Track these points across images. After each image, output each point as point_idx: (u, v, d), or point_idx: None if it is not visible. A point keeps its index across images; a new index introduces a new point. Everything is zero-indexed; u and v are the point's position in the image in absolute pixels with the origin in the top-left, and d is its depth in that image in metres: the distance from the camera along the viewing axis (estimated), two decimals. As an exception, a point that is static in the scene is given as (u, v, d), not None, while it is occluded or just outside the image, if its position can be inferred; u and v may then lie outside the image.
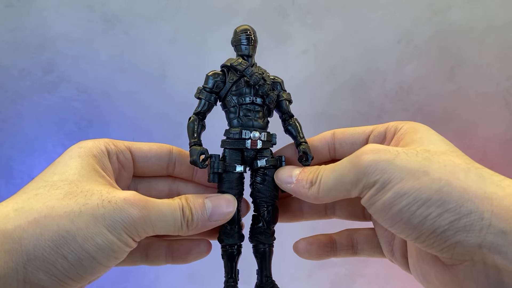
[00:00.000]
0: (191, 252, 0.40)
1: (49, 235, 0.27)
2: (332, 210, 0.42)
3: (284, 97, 0.40)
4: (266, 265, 0.39)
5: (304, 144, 0.39)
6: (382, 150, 0.30)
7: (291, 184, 0.36)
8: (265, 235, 0.39)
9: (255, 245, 0.39)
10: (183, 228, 0.34)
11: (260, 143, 0.38)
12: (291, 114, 0.41)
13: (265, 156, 0.39)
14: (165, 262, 0.40)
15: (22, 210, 0.28)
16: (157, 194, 0.40)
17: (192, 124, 0.38)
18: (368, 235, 0.41)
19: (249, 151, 0.39)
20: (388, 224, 0.30)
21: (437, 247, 0.28)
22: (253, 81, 0.38)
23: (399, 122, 0.37)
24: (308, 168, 0.36)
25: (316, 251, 0.41)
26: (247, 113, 0.38)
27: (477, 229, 0.26)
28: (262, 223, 0.39)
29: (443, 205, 0.27)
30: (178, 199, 0.34)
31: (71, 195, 0.30)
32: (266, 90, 0.38)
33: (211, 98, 0.39)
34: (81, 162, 0.33)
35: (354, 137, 0.39)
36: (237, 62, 0.38)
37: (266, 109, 0.40)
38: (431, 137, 0.33)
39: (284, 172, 0.37)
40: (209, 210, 0.35)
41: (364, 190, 0.30)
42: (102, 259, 0.29)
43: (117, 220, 0.29)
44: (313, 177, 0.34)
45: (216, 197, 0.36)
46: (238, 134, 0.38)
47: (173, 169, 0.40)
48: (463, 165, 0.29)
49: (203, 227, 0.35)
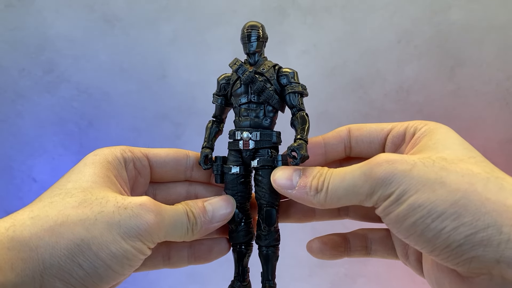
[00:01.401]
0: (213, 250, 0.40)
1: (65, 244, 0.28)
2: (346, 211, 0.41)
3: (289, 90, 0.38)
4: (268, 269, 0.38)
5: (298, 141, 0.36)
6: (398, 161, 0.29)
7: (293, 190, 0.34)
8: (264, 237, 0.38)
9: (258, 247, 0.39)
10: (188, 233, 0.34)
11: (252, 143, 0.38)
12: (299, 108, 0.38)
13: (260, 156, 0.38)
14: (188, 263, 0.40)
15: (37, 218, 0.28)
16: (175, 198, 0.40)
17: (207, 128, 0.40)
18: (383, 236, 0.40)
19: (245, 151, 0.38)
20: (402, 235, 0.29)
21: (452, 261, 0.27)
22: (243, 80, 0.37)
23: (419, 122, 0.35)
24: (309, 171, 0.34)
25: (330, 251, 0.40)
26: (244, 113, 0.38)
27: (495, 243, 0.25)
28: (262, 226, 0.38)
29: (459, 219, 0.26)
30: (180, 205, 0.34)
31: (86, 202, 0.30)
32: (259, 87, 0.37)
33: (219, 101, 0.40)
34: (95, 169, 0.33)
35: (371, 135, 0.38)
36: (232, 63, 0.38)
37: (267, 106, 0.38)
38: (448, 141, 0.31)
39: (281, 176, 0.35)
40: (210, 213, 0.35)
41: (379, 202, 0.29)
42: (117, 267, 0.29)
43: (132, 227, 0.29)
44: (318, 183, 0.33)
45: (214, 199, 0.37)
46: (233, 136, 0.38)
47: (190, 173, 0.40)
48: (482, 175, 0.28)
49: (206, 230, 0.35)
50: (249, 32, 0.38)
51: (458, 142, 0.32)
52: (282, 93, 0.39)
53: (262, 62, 0.39)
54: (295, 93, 0.38)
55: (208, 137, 0.40)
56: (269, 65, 0.39)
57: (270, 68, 0.38)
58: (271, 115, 0.39)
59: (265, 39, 0.39)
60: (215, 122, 0.41)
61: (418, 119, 0.36)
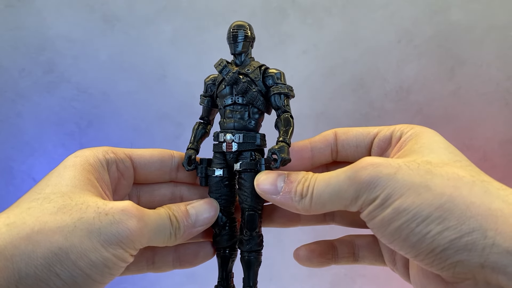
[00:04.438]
0: (199, 255, 0.39)
1: (42, 252, 0.26)
2: (332, 216, 0.41)
3: (274, 91, 0.37)
4: (249, 274, 0.37)
5: (279, 143, 0.35)
6: (382, 164, 0.28)
7: (277, 196, 0.33)
8: (246, 242, 0.37)
9: (240, 252, 0.38)
10: (171, 238, 0.33)
11: (235, 145, 0.37)
12: (284, 109, 0.37)
13: (243, 159, 0.37)
14: (172, 267, 0.39)
15: (13, 225, 0.27)
16: (160, 199, 0.39)
17: (193, 129, 0.40)
18: (370, 242, 0.40)
19: (228, 154, 0.37)
20: (387, 240, 0.29)
21: (436, 266, 0.27)
22: (227, 81, 0.37)
23: (405, 126, 0.34)
24: (293, 176, 0.33)
25: (317, 258, 0.40)
26: (229, 114, 0.37)
27: (479, 248, 0.25)
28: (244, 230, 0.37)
29: (444, 223, 0.26)
30: (163, 209, 0.34)
31: (65, 208, 0.28)
32: (242, 88, 0.36)
33: (205, 103, 0.40)
34: (75, 172, 0.31)
35: (358, 139, 0.37)
36: (217, 64, 0.37)
37: (251, 108, 0.37)
38: (434, 145, 0.31)
39: (265, 181, 0.34)
40: (193, 217, 0.35)
41: (363, 206, 0.29)
42: (97, 276, 0.28)
43: (113, 234, 0.28)
44: (303, 189, 0.32)
45: (197, 202, 0.36)
46: (217, 138, 0.38)
47: (175, 174, 0.39)
48: (467, 178, 0.27)
49: (190, 234, 0.35)
50: (235, 32, 0.37)
51: (444, 146, 0.31)
52: (267, 94, 0.37)
53: (249, 63, 0.38)
54: (280, 94, 0.37)
55: (194, 139, 0.39)
56: (255, 65, 0.38)
57: (255, 68, 0.37)
58: (256, 116, 0.38)
59: (252, 39, 0.38)
60: (202, 123, 0.40)
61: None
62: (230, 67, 0.37)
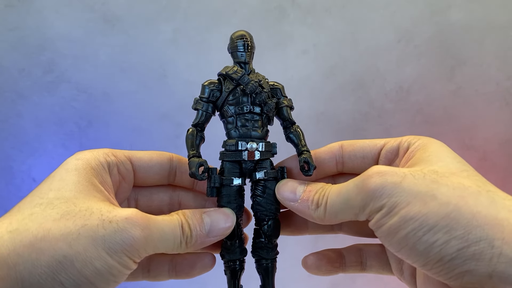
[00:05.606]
0: (195, 266, 0.38)
1: (46, 260, 0.26)
2: (339, 226, 0.41)
3: (284, 104, 0.39)
4: (269, 282, 0.37)
5: (306, 153, 0.37)
6: (388, 173, 0.29)
7: (295, 203, 0.34)
8: (267, 249, 0.37)
9: (257, 260, 0.38)
10: (181, 246, 0.32)
11: (258, 154, 0.37)
12: (293, 121, 0.39)
13: (264, 168, 0.37)
14: (168, 277, 0.38)
15: (16, 232, 0.26)
16: (158, 204, 0.39)
17: (190, 135, 0.37)
18: (378, 251, 0.40)
19: (247, 162, 0.37)
20: (394, 249, 0.29)
21: (445, 275, 0.27)
22: (249, 89, 0.36)
23: (413, 137, 0.35)
24: (313, 186, 0.34)
25: (326, 266, 0.40)
26: (245, 123, 0.37)
27: (487, 257, 0.25)
28: (264, 238, 0.37)
29: (450, 232, 0.26)
30: (176, 215, 0.33)
31: (68, 215, 0.28)
32: (263, 98, 0.37)
33: (209, 109, 0.37)
34: (78, 176, 0.31)
35: (364, 150, 0.38)
36: (232, 71, 0.37)
37: (265, 117, 0.38)
38: (441, 155, 0.31)
39: (286, 188, 0.35)
40: (207, 226, 0.34)
41: (371, 214, 0.29)
42: (102, 284, 0.28)
43: (117, 242, 0.28)
44: (319, 198, 0.33)
45: (214, 211, 0.35)
46: (234, 146, 0.37)
47: (174, 178, 0.39)
48: (473, 188, 0.28)
49: (202, 243, 0.34)
50: (248, 41, 0.37)
51: (451, 156, 0.31)
52: (276, 106, 0.39)
53: (253, 73, 0.38)
54: (287, 107, 0.39)
55: (195, 145, 0.37)
56: (260, 76, 0.38)
57: (265, 80, 0.38)
58: (267, 126, 0.39)
59: (254, 49, 0.39)
60: (196, 130, 0.38)
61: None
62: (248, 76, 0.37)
